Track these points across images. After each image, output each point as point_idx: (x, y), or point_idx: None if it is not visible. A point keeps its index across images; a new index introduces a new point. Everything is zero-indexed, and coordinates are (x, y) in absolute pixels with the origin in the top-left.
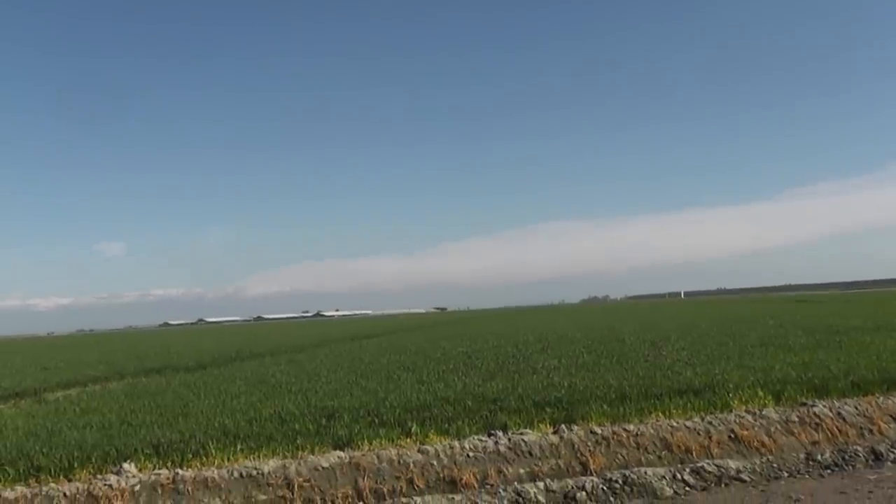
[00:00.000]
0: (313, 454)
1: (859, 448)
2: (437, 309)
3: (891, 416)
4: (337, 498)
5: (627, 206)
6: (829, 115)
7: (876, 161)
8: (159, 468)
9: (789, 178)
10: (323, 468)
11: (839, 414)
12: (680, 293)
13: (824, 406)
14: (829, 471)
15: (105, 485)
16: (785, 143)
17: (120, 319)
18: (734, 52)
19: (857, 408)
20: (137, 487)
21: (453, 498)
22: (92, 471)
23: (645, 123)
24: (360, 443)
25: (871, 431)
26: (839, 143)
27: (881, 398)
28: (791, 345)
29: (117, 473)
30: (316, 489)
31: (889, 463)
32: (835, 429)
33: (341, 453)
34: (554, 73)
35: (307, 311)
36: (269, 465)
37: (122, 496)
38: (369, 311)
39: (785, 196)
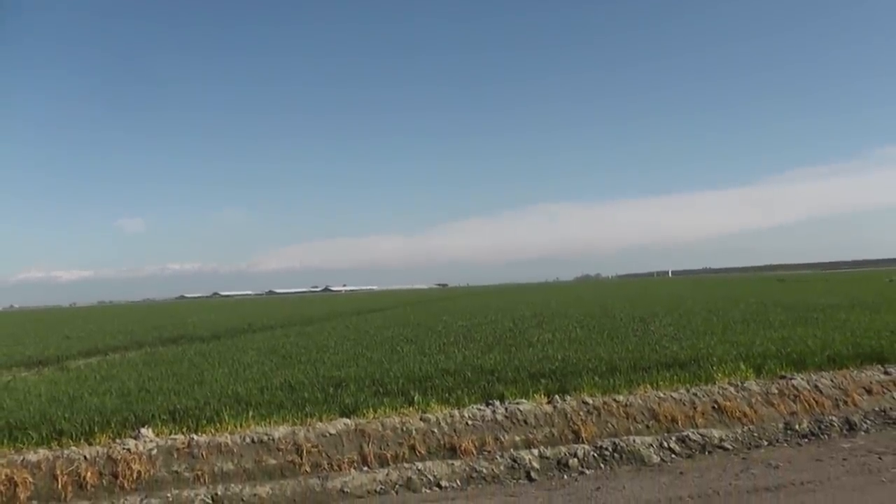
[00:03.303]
0: (321, 421)
1: (834, 418)
2: (439, 285)
3: (864, 388)
4: (343, 463)
5: (619, 189)
6: (809, 106)
7: (854, 148)
8: (175, 433)
9: (771, 165)
10: (330, 434)
11: (816, 386)
12: (668, 272)
13: (802, 379)
14: (806, 440)
15: (124, 448)
16: (766, 133)
17: (139, 292)
18: (725, 52)
19: (832, 381)
20: (155, 451)
21: (453, 464)
22: (111, 435)
23: (639, 116)
24: (365, 411)
25: (845, 403)
26: (819, 132)
27: (855, 372)
28: (771, 321)
29: (135, 438)
30: (323, 454)
31: (862, 433)
32: (812, 400)
33: (347, 420)
34: (553, 71)
35: (316, 286)
36: (280, 431)
37: (140, 459)
38: (375, 287)
39: (766, 181)
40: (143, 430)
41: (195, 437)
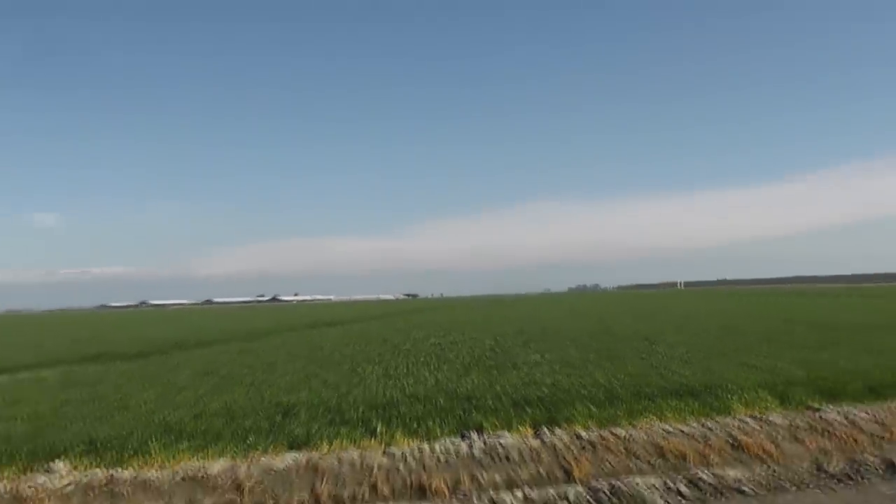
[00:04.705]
0: (266, 455)
1: (874, 458)
2: (408, 295)
3: None
4: (292, 503)
5: (623, 186)
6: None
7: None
8: (94, 468)
9: (802, 158)
10: (277, 470)
11: (852, 421)
12: (679, 283)
13: (835, 411)
14: (840, 483)
15: (33, 485)
16: (787, 129)
17: (54, 299)
18: (751, 62)
19: (870, 413)
20: (70, 488)
21: None
22: (19, 469)
23: (650, 100)
24: (318, 443)
25: (887, 440)
26: (868, 121)
27: None
28: (796, 342)
29: (47, 472)
30: (269, 493)
31: None
32: (847, 437)
33: (297, 454)
34: (535, 73)
35: (263, 295)
36: (217, 466)
37: (52, 498)
38: (333, 297)
39: (788, 179)
40: (57, 464)
41: (117, 471)
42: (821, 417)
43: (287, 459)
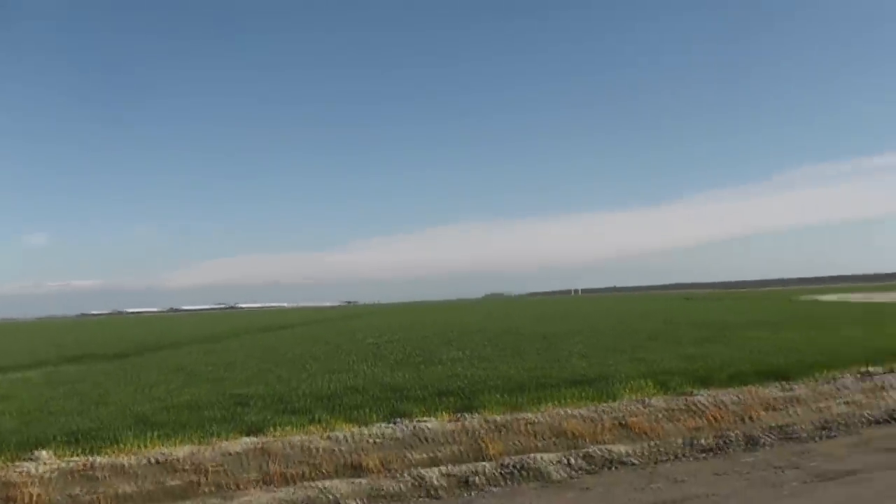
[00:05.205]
0: (226, 440)
1: (737, 434)
2: (348, 302)
3: (765, 404)
4: (247, 482)
5: (527, 208)
6: (716, 128)
7: (762, 172)
8: (75, 455)
9: (672, 189)
10: (234, 453)
11: (720, 403)
12: (573, 290)
13: (706, 395)
14: (709, 454)
15: (19, 472)
16: (671, 155)
17: (39, 309)
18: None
19: (736, 397)
20: (53, 474)
21: (358, 482)
22: (8, 458)
23: (544, 136)
24: (270, 429)
25: (748, 418)
26: (722, 156)
27: (757, 388)
28: (679, 339)
29: (32, 460)
30: (227, 474)
31: (765, 447)
32: (715, 416)
33: (252, 439)
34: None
35: (222, 303)
36: (182, 451)
37: (37, 483)
38: (284, 304)
39: (668, 204)
40: (41, 453)
41: (95, 459)
42: (695, 401)
43: (242, 444)
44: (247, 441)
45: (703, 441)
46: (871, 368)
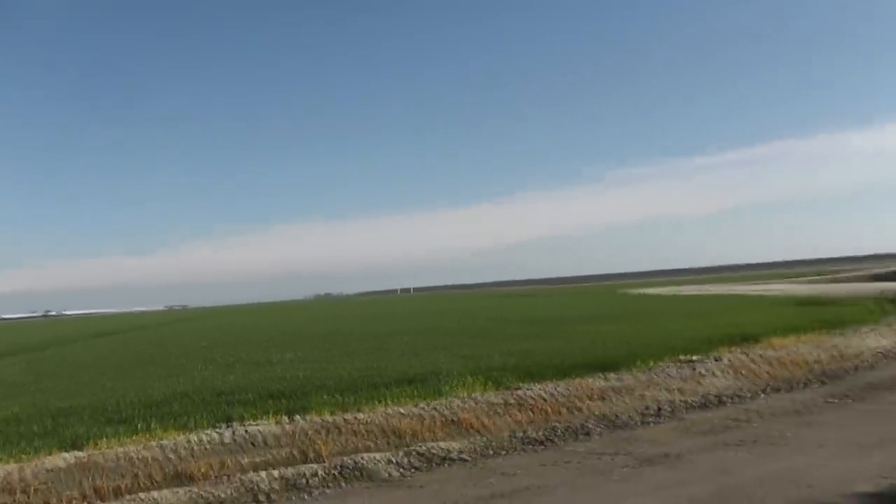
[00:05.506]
0: (48, 456)
1: (567, 425)
2: (179, 306)
3: (593, 395)
4: (74, 498)
5: (359, 207)
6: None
7: (597, 172)
8: None
9: (508, 186)
10: (58, 469)
11: (548, 396)
12: (400, 289)
13: (535, 389)
14: (540, 446)
15: None
16: (500, 154)
17: None
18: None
19: (565, 389)
20: None
21: (189, 490)
22: None
23: (381, 130)
24: (97, 441)
25: (577, 409)
26: (548, 156)
27: (585, 380)
28: (509, 335)
29: None
30: (52, 491)
31: (595, 436)
32: (545, 409)
33: (78, 453)
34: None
35: (35, 311)
36: (2, 470)
37: None
38: (110, 310)
39: (498, 202)
40: None
41: None
42: (524, 395)
43: (67, 458)
44: (73, 455)
45: (532, 434)
46: (693, 357)
